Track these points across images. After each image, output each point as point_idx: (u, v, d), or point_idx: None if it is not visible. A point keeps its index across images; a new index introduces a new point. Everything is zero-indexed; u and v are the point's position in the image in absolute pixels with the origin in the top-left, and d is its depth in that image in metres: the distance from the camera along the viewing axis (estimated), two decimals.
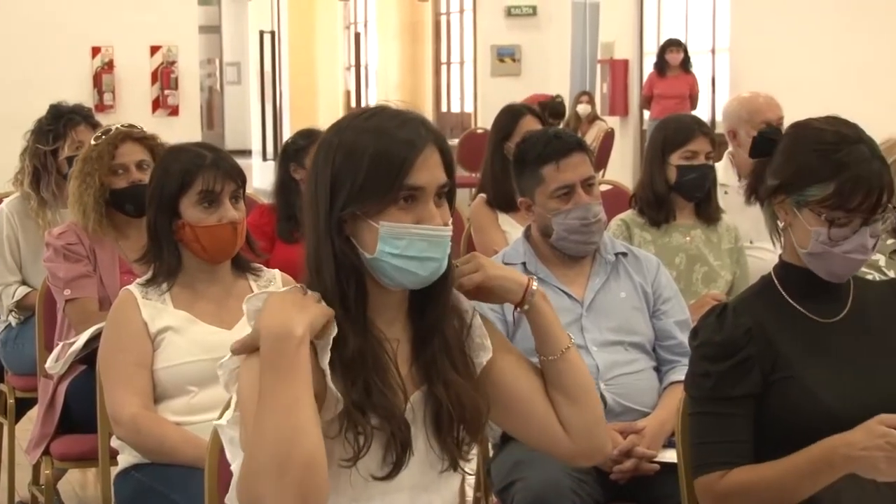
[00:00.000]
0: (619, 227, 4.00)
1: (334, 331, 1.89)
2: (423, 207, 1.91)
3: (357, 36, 18.71)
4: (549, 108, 10.83)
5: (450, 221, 1.94)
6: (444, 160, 1.95)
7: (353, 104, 16.12)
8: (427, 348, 1.98)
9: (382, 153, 1.89)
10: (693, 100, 11.80)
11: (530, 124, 4.67)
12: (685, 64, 11.85)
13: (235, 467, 1.90)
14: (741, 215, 4.05)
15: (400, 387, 1.94)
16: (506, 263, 3.20)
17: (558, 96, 12.22)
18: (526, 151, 3.24)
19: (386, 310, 1.97)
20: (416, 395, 1.97)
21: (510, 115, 4.84)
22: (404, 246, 1.89)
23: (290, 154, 4.67)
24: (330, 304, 1.90)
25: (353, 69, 19.83)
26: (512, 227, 4.52)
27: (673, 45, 11.96)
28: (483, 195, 4.70)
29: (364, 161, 1.89)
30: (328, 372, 1.88)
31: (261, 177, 16.06)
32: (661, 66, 11.93)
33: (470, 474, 3.54)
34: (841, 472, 2.07)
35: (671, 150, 3.97)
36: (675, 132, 4.01)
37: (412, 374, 1.98)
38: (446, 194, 1.95)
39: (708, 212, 4.03)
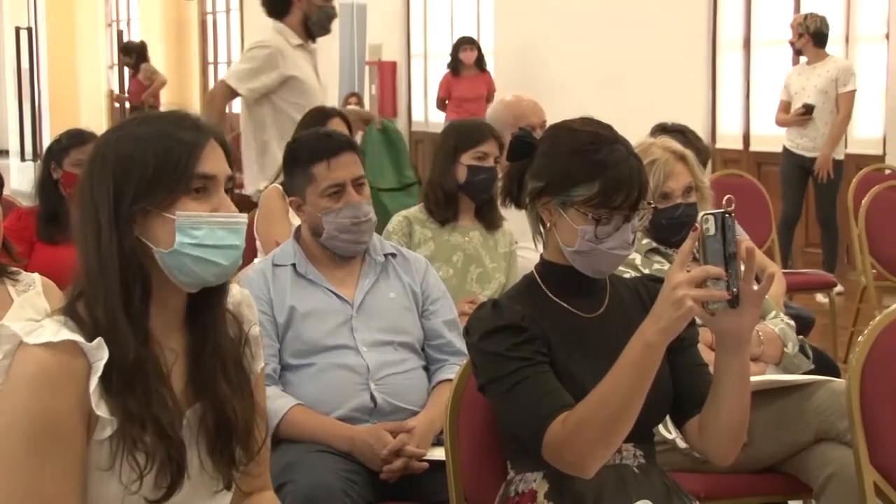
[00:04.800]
0: (401, 224, 4.07)
1: (105, 356, 1.83)
2: (216, 197, 1.89)
3: (120, 34, 18.23)
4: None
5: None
6: (226, 156, 1.93)
7: (117, 104, 15.71)
8: (202, 361, 1.94)
9: (170, 145, 1.86)
10: (490, 100, 10.85)
11: (337, 126, 4.66)
12: (480, 62, 11.22)
13: None
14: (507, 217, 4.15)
15: (176, 404, 1.89)
16: (275, 265, 3.19)
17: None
18: (296, 151, 3.24)
19: (164, 318, 1.91)
20: (191, 412, 1.93)
21: (319, 116, 4.86)
22: (203, 235, 1.85)
23: (53, 154, 4.54)
24: (112, 308, 1.84)
25: (116, 68, 19.32)
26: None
27: (466, 43, 11.32)
28: (277, 185, 4.66)
29: (151, 154, 1.85)
30: (93, 399, 1.81)
31: (19, 178, 15.48)
32: (456, 65, 11.26)
33: None
34: (660, 346, 2.08)
35: (463, 150, 4.06)
36: (467, 133, 4.13)
37: (187, 388, 1.93)
38: (229, 191, 1.92)
39: (490, 216, 4.12)
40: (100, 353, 1.82)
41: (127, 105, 15.00)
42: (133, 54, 15.40)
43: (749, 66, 9.89)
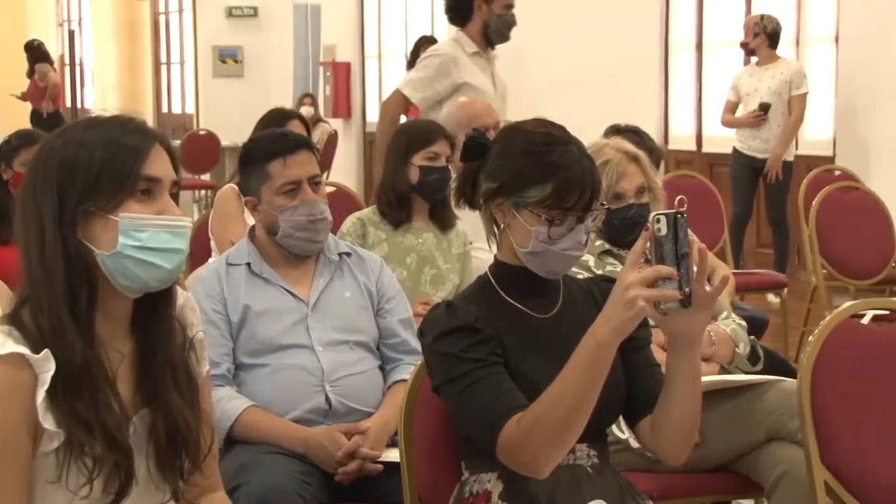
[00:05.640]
0: (354, 225, 4.07)
1: (51, 368, 1.81)
2: (161, 200, 1.88)
3: (71, 34, 18.09)
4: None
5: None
6: (171, 160, 1.92)
7: (69, 104, 15.58)
8: (150, 367, 1.92)
9: (115, 147, 1.85)
10: None
11: (295, 128, 4.66)
12: None
13: None
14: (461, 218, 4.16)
15: (123, 408, 1.87)
16: (230, 264, 3.17)
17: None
18: (252, 150, 3.23)
19: (110, 323, 1.90)
20: (138, 418, 1.91)
21: (277, 118, 4.85)
22: (147, 238, 1.85)
23: (2, 154, 4.54)
24: (57, 310, 1.83)
25: (67, 68, 19.16)
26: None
27: (427, 42, 10.59)
28: (233, 185, 4.64)
29: (96, 157, 1.84)
30: (40, 412, 1.79)
31: None
32: (414, 64, 11.01)
33: None
34: (612, 346, 2.08)
35: (414, 151, 4.07)
36: (418, 134, 4.14)
37: (135, 394, 1.92)
38: (174, 195, 1.92)
39: (444, 217, 4.12)
40: (46, 365, 1.80)
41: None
42: (30, 53, 14.83)
43: (701, 67, 9.96)
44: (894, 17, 7.98)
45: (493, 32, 5.63)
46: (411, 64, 10.79)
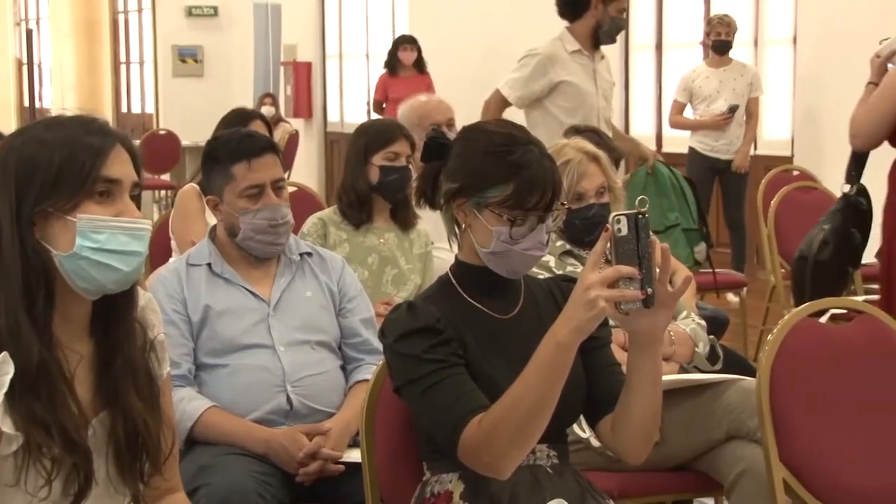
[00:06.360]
0: (315, 225, 4.06)
1: (10, 371, 1.78)
2: (120, 202, 1.87)
3: (29, 33, 17.94)
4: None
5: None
6: (132, 161, 1.91)
7: (27, 104, 15.45)
8: (111, 370, 1.91)
9: (75, 147, 1.84)
10: None
11: (258, 129, 4.64)
12: (419, 63, 10.53)
13: None
14: (422, 217, 4.16)
15: (81, 410, 1.86)
16: (190, 265, 3.16)
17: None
18: (217, 149, 3.22)
19: (69, 325, 1.89)
20: (97, 420, 1.90)
21: (240, 117, 4.84)
22: (104, 240, 1.83)
23: None
24: (14, 311, 1.81)
25: (25, 68, 19.02)
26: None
27: (406, 42, 10.61)
28: (194, 185, 4.62)
29: (56, 157, 1.83)
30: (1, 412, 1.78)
31: None
32: (393, 65, 10.55)
33: None
34: (572, 346, 2.08)
35: (374, 152, 4.06)
36: (378, 134, 4.12)
37: (94, 397, 1.91)
38: (135, 197, 1.91)
39: (405, 217, 4.12)
40: (5, 368, 1.79)
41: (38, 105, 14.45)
42: None
43: (661, 67, 10.01)
44: (851, 19, 8.05)
45: (604, 33, 5.65)
46: (389, 64, 10.80)
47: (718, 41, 7.99)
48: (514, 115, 5.31)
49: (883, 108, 4.11)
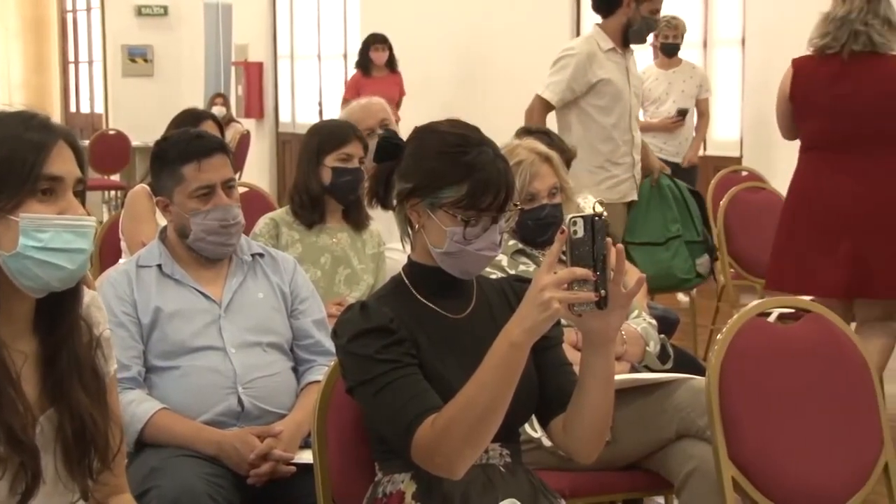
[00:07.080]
0: (268, 226, 4.05)
1: None
2: (64, 199, 1.84)
3: None
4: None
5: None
6: (76, 157, 1.89)
7: None
8: (56, 367, 1.89)
9: (16, 145, 1.82)
10: (400, 104, 10.14)
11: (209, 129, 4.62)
12: (391, 63, 10.41)
13: None
14: (374, 218, 4.16)
15: (28, 408, 1.84)
16: (140, 266, 3.14)
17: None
18: (166, 150, 3.20)
19: (12, 324, 1.87)
20: (45, 418, 1.88)
21: (192, 117, 4.81)
22: (48, 238, 1.81)
23: None
24: None
25: None
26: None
27: (378, 41, 10.42)
28: (144, 185, 4.59)
29: None
30: None
31: None
32: (366, 64, 10.40)
33: None
34: (525, 346, 2.09)
35: (327, 153, 4.05)
36: (330, 135, 4.11)
37: (40, 394, 1.89)
38: (80, 194, 1.89)
39: (357, 217, 4.12)
40: None
41: None
42: None
43: None
44: (800, 19, 8.08)
45: (634, 32, 5.60)
46: (361, 64, 10.70)
47: (666, 44, 8.05)
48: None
49: (779, 105, 5.03)
